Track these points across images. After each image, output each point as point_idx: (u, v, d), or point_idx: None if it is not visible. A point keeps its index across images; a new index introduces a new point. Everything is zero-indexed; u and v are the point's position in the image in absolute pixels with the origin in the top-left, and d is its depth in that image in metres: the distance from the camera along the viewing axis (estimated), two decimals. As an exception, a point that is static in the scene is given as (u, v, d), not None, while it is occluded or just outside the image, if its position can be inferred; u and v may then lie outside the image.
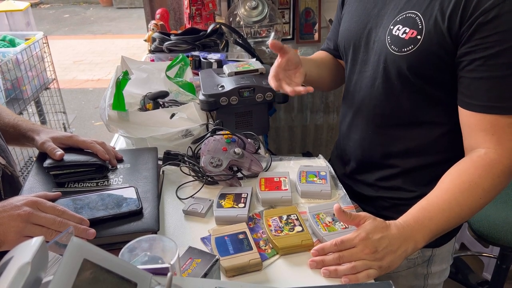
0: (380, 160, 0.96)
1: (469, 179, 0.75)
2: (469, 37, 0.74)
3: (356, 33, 0.94)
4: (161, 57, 1.51)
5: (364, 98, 0.94)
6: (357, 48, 0.94)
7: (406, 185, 0.94)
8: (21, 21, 3.04)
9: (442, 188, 0.77)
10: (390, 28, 0.84)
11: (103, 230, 0.71)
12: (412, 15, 0.81)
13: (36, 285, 0.41)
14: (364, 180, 1.00)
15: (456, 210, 0.74)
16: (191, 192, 0.91)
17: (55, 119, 3.15)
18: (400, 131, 0.91)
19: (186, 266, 0.62)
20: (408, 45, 0.81)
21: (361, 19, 0.93)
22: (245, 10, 1.87)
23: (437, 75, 0.82)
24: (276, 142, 2.38)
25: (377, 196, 0.98)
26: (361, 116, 0.97)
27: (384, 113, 0.91)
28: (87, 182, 0.86)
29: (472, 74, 0.76)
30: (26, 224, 0.65)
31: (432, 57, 0.79)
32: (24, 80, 2.52)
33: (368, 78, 0.92)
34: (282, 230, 0.77)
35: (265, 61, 1.85)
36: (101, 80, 4.66)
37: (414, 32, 0.80)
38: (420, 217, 0.74)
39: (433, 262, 0.97)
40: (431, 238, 0.74)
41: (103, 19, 7.32)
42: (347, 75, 1.01)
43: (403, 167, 0.93)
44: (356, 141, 1.00)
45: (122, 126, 1.04)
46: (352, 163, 1.03)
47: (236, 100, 1.08)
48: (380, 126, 0.93)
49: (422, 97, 0.86)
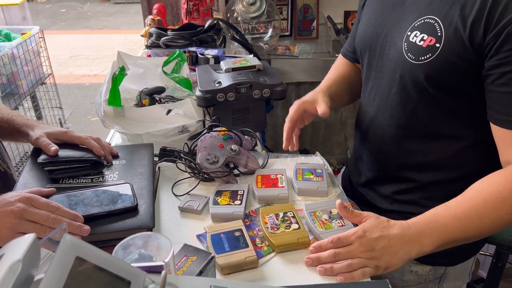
0: (396, 173, 0.91)
1: (496, 192, 0.69)
2: (498, 48, 0.68)
3: (372, 37, 0.89)
4: (158, 53, 1.50)
5: (379, 107, 0.89)
6: (373, 53, 0.89)
7: (422, 200, 0.89)
8: (17, 15, 3.02)
9: (465, 196, 0.72)
10: (407, 34, 0.79)
11: (97, 227, 0.71)
12: (431, 21, 0.75)
13: (27, 282, 0.40)
14: (380, 191, 0.95)
15: (475, 222, 0.69)
16: (187, 188, 0.90)
17: (51, 114, 3.13)
18: (417, 143, 0.86)
19: (181, 263, 0.61)
20: (425, 54, 0.76)
21: (378, 23, 0.88)
22: (243, 6, 1.86)
23: (458, 86, 0.77)
24: (274, 139, 2.38)
25: (391, 210, 0.93)
26: (377, 125, 0.91)
27: (400, 124, 0.86)
28: (82, 178, 0.85)
29: (503, 88, 0.70)
30: (19, 220, 0.64)
31: (452, 67, 0.74)
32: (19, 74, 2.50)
33: (383, 85, 0.87)
34: (279, 228, 0.77)
35: (263, 58, 1.84)
36: (98, 75, 4.63)
37: (432, 40, 0.75)
38: (433, 221, 0.70)
39: (445, 279, 0.93)
40: (441, 245, 0.70)
41: (100, 14, 7.28)
42: (363, 80, 0.96)
43: (420, 181, 0.88)
44: (372, 152, 0.95)
45: (118, 122, 1.03)
46: (368, 173, 0.98)
47: (233, 96, 1.07)
48: (396, 137, 0.88)
49: (441, 109, 0.80)
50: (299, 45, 2.07)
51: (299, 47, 2.02)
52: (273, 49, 1.99)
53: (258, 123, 1.16)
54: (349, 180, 1.08)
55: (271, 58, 2.02)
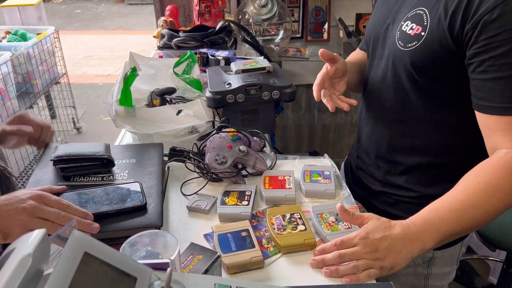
0: (386, 155, 0.96)
1: (485, 180, 0.72)
2: (476, 37, 0.72)
3: (376, 28, 0.95)
4: (170, 54, 1.52)
5: (375, 92, 0.95)
6: (376, 42, 0.95)
7: (408, 183, 0.93)
8: (33, 16, 3.08)
9: (457, 189, 0.74)
10: (401, 24, 0.85)
11: (107, 225, 0.72)
12: (421, 11, 0.81)
13: (37, 277, 0.41)
14: (373, 174, 1.01)
15: (470, 212, 0.71)
16: (196, 188, 0.91)
17: (64, 114, 3.19)
18: (406, 127, 0.91)
19: (187, 262, 0.62)
20: (412, 41, 0.81)
21: (382, 15, 0.94)
22: (255, 8, 1.87)
23: (442, 74, 0.81)
24: (283, 140, 2.38)
25: (382, 191, 0.98)
26: (372, 109, 0.99)
27: (392, 107, 0.92)
28: (93, 176, 0.87)
29: (483, 75, 0.74)
30: (31, 218, 0.66)
31: (434, 55, 0.79)
32: (35, 74, 2.55)
33: (380, 72, 0.93)
34: (285, 229, 0.77)
35: (274, 59, 1.85)
36: (111, 75, 4.69)
37: (419, 28, 0.80)
38: (430, 218, 0.72)
39: (434, 264, 0.96)
40: (442, 239, 0.71)
41: (114, 14, 7.37)
42: (367, 68, 1.02)
43: (406, 164, 0.93)
44: (367, 134, 1.01)
45: (129, 121, 1.05)
46: (364, 156, 1.04)
47: (242, 98, 1.08)
48: (387, 120, 0.94)
49: (429, 96, 0.85)
50: (310, 47, 2.07)
51: (310, 49, 2.02)
52: (284, 51, 1.99)
53: (267, 125, 1.16)
54: (350, 165, 1.13)
55: (282, 60, 2.02)
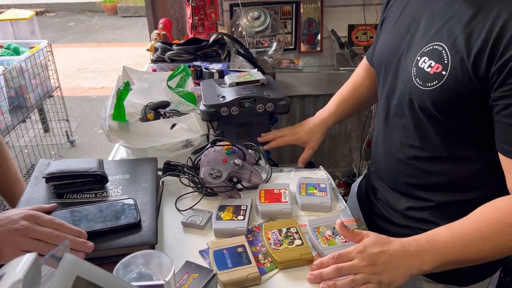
0: (409, 191, 0.92)
1: (501, 217, 0.69)
2: (502, 81, 0.68)
3: (387, 58, 0.90)
4: (163, 67, 1.51)
5: (392, 127, 0.91)
6: (387, 73, 0.91)
7: (435, 218, 0.88)
8: (25, 30, 3.07)
9: (469, 219, 0.72)
10: (417, 59, 0.80)
11: (100, 243, 0.71)
12: (439, 47, 0.76)
13: (28, 302, 0.40)
14: (394, 207, 0.96)
15: (477, 244, 0.69)
16: (191, 203, 0.90)
17: (58, 127, 3.17)
18: (430, 164, 0.86)
19: (182, 281, 0.61)
20: (432, 80, 0.77)
21: (393, 44, 0.89)
22: (247, 20, 1.88)
23: (466, 113, 0.77)
24: (278, 151, 2.38)
25: (405, 225, 0.93)
26: (390, 144, 0.93)
27: (414, 145, 0.87)
28: (86, 193, 0.85)
29: (507, 119, 0.70)
30: (23, 238, 0.64)
31: (457, 95, 0.74)
32: (27, 88, 2.54)
33: (395, 106, 0.89)
34: (282, 244, 0.77)
35: (267, 71, 1.85)
36: (105, 88, 4.68)
37: (439, 67, 0.75)
38: (434, 239, 0.70)
39: None
40: (442, 264, 0.69)
41: (107, 27, 7.38)
42: (378, 96, 0.98)
43: (434, 200, 0.88)
44: (386, 170, 0.96)
45: (123, 136, 1.04)
46: (382, 190, 1.00)
47: (237, 110, 1.08)
48: (409, 157, 0.88)
49: (452, 133, 0.81)
50: (303, 58, 2.08)
51: (304, 61, 2.03)
52: (277, 63, 2.00)
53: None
54: (366, 192, 1.08)
55: (275, 72, 2.03)
